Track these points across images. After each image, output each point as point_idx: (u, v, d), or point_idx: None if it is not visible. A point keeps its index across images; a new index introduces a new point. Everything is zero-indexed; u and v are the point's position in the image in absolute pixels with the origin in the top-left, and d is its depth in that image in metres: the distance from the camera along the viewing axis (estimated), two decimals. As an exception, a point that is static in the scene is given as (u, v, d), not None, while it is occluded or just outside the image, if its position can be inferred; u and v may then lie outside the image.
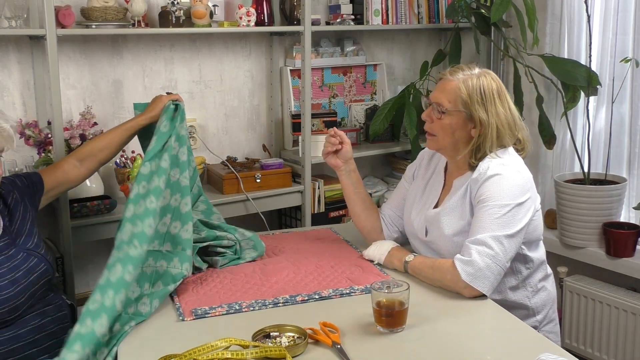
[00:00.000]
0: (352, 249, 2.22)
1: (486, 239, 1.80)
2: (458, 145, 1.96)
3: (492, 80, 1.93)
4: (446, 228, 1.95)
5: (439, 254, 2.01)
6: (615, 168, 3.11)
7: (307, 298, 1.84)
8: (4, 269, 1.81)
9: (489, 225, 1.82)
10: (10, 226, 1.89)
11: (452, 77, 1.94)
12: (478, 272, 1.78)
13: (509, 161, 1.92)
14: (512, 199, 1.84)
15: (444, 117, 1.93)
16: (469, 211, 1.93)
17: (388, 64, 3.73)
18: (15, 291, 1.79)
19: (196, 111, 3.15)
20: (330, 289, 1.89)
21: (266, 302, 1.81)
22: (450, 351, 1.57)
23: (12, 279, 1.81)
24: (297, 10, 3.16)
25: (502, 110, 1.92)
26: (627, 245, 2.86)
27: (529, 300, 1.99)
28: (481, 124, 1.90)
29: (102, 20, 2.68)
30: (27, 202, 1.98)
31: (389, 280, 1.76)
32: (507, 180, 1.86)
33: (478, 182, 1.89)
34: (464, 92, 1.90)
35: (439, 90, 1.96)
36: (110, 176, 2.90)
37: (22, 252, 1.88)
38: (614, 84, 3.02)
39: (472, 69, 1.95)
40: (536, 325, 2.01)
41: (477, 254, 1.79)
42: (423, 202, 2.10)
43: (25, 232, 1.93)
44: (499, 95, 1.92)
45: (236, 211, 3.01)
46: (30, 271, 1.87)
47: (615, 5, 3.03)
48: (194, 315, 1.73)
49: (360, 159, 3.63)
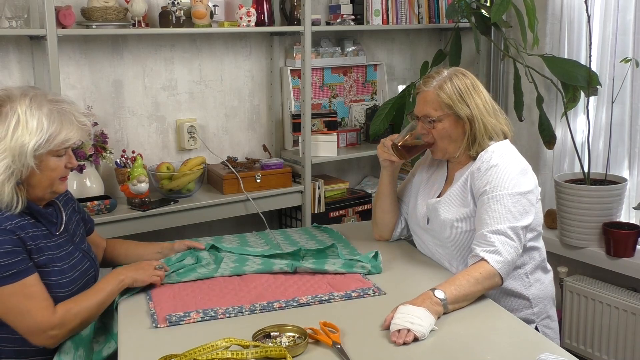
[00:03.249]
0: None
1: (506, 230, 1.85)
2: (458, 144, 2.03)
3: (463, 77, 2.02)
4: (447, 214, 2.01)
5: (439, 241, 2.06)
6: (615, 168, 3.11)
7: (284, 305, 1.77)
8: (66, 265, 1.80)
9: (504, 215, 1.86)
10: (68, 224, 1.90)
11: (427, 88, 2.03)
12: (505, 261, 1.83)
13: (507, 150, 1.99)
14: (520, 188, 1.90)
15: (436, 124, 2.01)
16: (470, 198, 1.98)
17: (388, 64, 3.73)
18: (72, 292, 1.79)
19: (196, 111, 3.15)
20: (309, 295, 1.83)
21: (242, 309, 1.74)
22: (450, 351, 1.57)
23: (72, 278, 1.80)
24: (297, 10, 3.16)
25: (479, 101, 2.00)
26: (627, 245, 2.86)
27: (525, 289, 2.02)
28: (469, 119, 1.99)
29: (103, 21, 2.68)
30: (80, 219, 2.00)
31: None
32: (510, 169, 1.93)
33: (480, 170, 1.95)
34: (444, 96, 1.99)
35: (421, 104, 2.05)
36: (110, 176, 2.91)
37: (78, 252, 1.88)
38: (614, 84, 3.02)
39: (441, 74, 2.04)
40: (533, 318, 2.03)
41: (500, 243, 1.83)
42: (426, 192, 2.16)
43: (79, 236, 1.94)
44: (473, 88, 2.01)
45: (236, 211, 3.01)
46: (84, 273, 1.87)
47: (615, 5, 3.03)
48: (168, 322, 1.67)
49: (360, 159, 3.65)
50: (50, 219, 1.81)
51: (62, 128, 1.72)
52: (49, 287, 1.73)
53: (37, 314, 1.67)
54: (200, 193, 3.00)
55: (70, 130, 1.74)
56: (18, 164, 1.67)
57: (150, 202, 2.80)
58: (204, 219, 2.94)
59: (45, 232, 1.78)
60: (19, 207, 1.70)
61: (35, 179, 1.73)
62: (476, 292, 1.78)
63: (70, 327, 1.71)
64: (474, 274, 1.79)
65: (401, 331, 1.58)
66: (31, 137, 1.67)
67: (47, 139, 1.69)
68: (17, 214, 1.71)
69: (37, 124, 1.68)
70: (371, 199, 3.45)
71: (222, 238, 2.38)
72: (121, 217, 2.69)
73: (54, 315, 1.69)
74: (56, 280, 1.75)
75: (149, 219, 2.76)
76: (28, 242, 1.70)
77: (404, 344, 1.55)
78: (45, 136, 1.69)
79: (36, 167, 1.70)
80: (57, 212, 1.86)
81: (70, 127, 1.74)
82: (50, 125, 1.70)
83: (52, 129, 1.70)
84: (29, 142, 1.67)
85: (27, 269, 1.67)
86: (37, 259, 1.72)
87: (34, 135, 1.67)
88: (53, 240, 1.79)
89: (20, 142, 1.66)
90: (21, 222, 1.71)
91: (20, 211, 1.71)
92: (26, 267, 1.67)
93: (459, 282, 1.76)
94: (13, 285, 1.65)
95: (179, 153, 3.13)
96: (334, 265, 2.01)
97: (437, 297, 1.70)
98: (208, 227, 3.13)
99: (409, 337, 1.56)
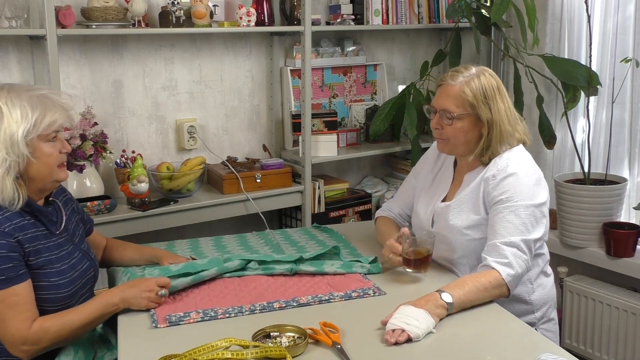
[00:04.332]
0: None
1: (519, 243, 1.83)
2: (470, 146, 1.98)
3: (490, 78, 1.96)
4: (457, 220, 1.97)
5: (445, 245, 2.01)
6: (615, 168, 3.11)
7: (284, 305, 1.78)
8: (65, 265, 1.79)
9: (518, 226, 1.84)
10: (68, 224, 1.90)
11: (453, 82, 1.95)
12: (516, 274, 1.82)
13: (524, 159, 1.95)
14: (536, 199, 1.88)
15: (454, 122, 1.95)
16: (482, 206, 1.95)
17: (388, 64, 3.73)
18: (71, 292, 1.79)
19: (196, 111, 3.15)
20: (309, 295, 1.84)
21: (242, 309, 1.75)
22: (450, 351, 1.57)
23: (71, 278, 1.80)
24: (297, 10, 3.16)
25: (502, 106, 1.95)
26: (627, 245, 2.86)
27: (529, 295, 2.00)
28: (488, 122, 1.93)
29: (102, 20, 2.68)
30: (79, 220, 2.00)
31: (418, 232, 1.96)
32: (527, 179, 1.90)
33: (496, 178, 1.91)
34: (469, 94, 1.92)
35: (443, 97, 1.96)
36: (110, 176, 2.91)
37: (78, 251, 1.88)
38: (614, 84, 3.02)
39: (469, 70, 1.97)
40: (534, 322, 2.02)
41: (512, 256, 1.82)
42: (431, 195, 2.12)
43: (78, 236, 1.94)
44: (498, 91, 1.96)
45: (236, 211, 3.01)
46: (83, 273, 1.87)
47: (615, 5, 3.03)
48: (168, 323, 1.68)
49: (360, 159, 3.65)
50: (50, 218, 1.81)
51: (46, 111, 1.73)
52: (47, 289, 1.73)
53: (12, 325, 1.65)
54: (200, 193, 3.00)
55: (55, 112, 1.74)
56: (13, 156, 1.67)
57: (150, 202, 2.80)
58: (204, 219, 2.94)
59: (45, 231, 1.78)
60: (20, 203, 1.70)
61: (33, 169, 1.73)
62: (482, 299, 1.77)
63: (44, 345, 1.68)
64: (483, 281, 1.77)
65: (395, 330, 1.57)
66: (18, 126, 1.68)
67: (34, 123, 1.70)
68: (17, 213, 1.71)
69: (21, 112, 1.69)
70: (371, 199, 3.45)
71: (222, 238, 2.38)
72: (121, 217, 2.69)
73: (28, 330, 1.65)
74: (55, 281, 1.75)
75: (149, 219, 2.76)
76: (26, 244, 1.70)
77: (396, 344, 1.55)
78: (32, 121, 1.69)
79: (31, 156, 1.70)
80: (57, 211, 1.86)
81: (54, 109, 1.74)
82: (34, 111, 1.70)
83: (37, 113, 1.71)
84: (17, 130, 1.67)
85: (16, 277, 1.66)
86: (35, 260, 1.72)
87: (21, 123, 1.68)
88: (53, 240, 1.79)
89: (9, 133, 1.67)
90: (21, 222, 1.71)
91: (20, 210, 1.71)
92: (16, 275, 1.66)
93: (468, 288, 1.74)
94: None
95: (179, 153, 3.13)
96: (333, 266, 2.01)
97: (445, 300, 1.69)
98: (208, 227, 3.13)
99: (402, 337, 1.56)
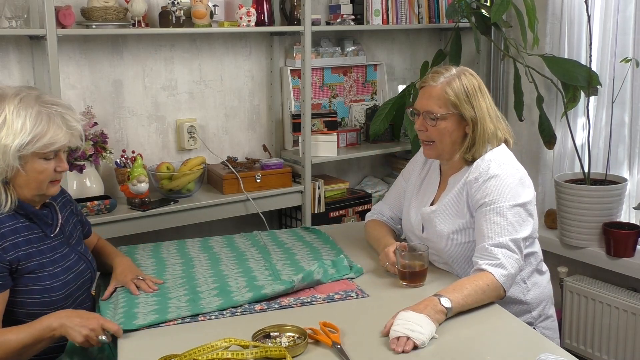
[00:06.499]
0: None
1: (508, 243, 1.83)
2: (455, 146, 1.99)
3: (472, 77, 1.98)
4: (443, 226, 1.97)
5: (436, 250, 2.01)
6: (615, 168, 3.11)
7: (266, 307, 1.77)
8: (59, 268, 1.79)
9: (505, 227, 1.84)
10: (65, 226, 1.89)
11: (435, 83, 1.96)
12: (509, 274, 1.81)
13: (506, 159, 1.96)
14: (519, 199, 1.88)
15: (438, 122, 1.95)
16: (467, 210, 1.94)
17: (388, 64, 3.73)
18: (65, 294, 1.79)
19: (196, 111, 3.15)
20: (292, 297, 1.82)
21: (224, 312, 1.75)
22: (450, 351, 1.57)
23: (65, 281, 1.79)
24: (297, 10, 3.16)
25: (484, 104, 1.96)
26: (627, 245, 2.86)
27: (524, 295, 2.00)
28: (472, 120, 1.94)
29: (102, 20, 2.68)
30: (77, 221, 2.00)
31: (412, 244, 1.96)
32: (510, 180, 1.90)
33: (478, 181, 1.91)
34: (451, 94, 1.93)
35: (425, 98, 1.98)
36: (110, 176, 2.91)
37: (74, 254, 1.87)
38: (614, 84, 3.01)
39: (450, 70, 1.99)
40: (532, 321, 2.02)
41: (503, 257, 1.82)
42: (420, 199, 2.12)
43: (75, 238, 1.94)
44: (480, 90, 1.97)
45: (236, 211, 3.01)
46: (79, 275, 1.86)
47: (615, 5, 3.03)
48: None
49: (360, 159, 3.65)
50: (45, 220, 1.81)
51: (48, 130, 1.70)
52: (39, 292, 1.73)
53: None
54: (200, 193, 3.00)
55: (57, 134, 1.72)
56: (2, 164, 1.67)
57: (150, 202, 2.80)
58: (204, 219, 2.94)
59: (39, 234, 1.78)
60: (9, 205, 1.70)
61: (21, 179, 1.72)
62: (480, 302, 1.76)
63: None
64: (480, 284, 1.76)
65: (400, 339, 1.55)
66: (14, 138, 1.66)
67: (30, 140, 1.68)
68: (11, 215, 1.71)
69: (22, 125, 1.67)
70: (371, 199, 3.45)
71: (209, 239, 2.37)
72: (121, 217, 2.69)
73: None
74: (47, 284, 1.75)
75: (149, 219, 2.76)
76: (15, 249, 1.69)
77: (403, 352, 1.53)
78: (28, 137, 1.67)
79: (22, 168, 1.70)
80: (52, 213, 1.86)
81: (57, 131, 1.72)
82: (35, 127, 1.68)
83: (37, 130, 1.69)
84: (12, 142, 1.66)
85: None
86: (25, 265, 1.72)
87: (17, 136, 1.67)
88: (47, 242, 1.79)
89: (4, 143, 1.66)
90: (15, 224, 1.71)
91: (15, 212, 1.72)
92: None
93: (467, 291, 1.73)
94: None
95: (179, 153, 3.13)
96: (319, 274, 1.93)
97: (444, 305, 1.67)
98: (208, 227, 3.13)
99: (409, 346, 1.54)
